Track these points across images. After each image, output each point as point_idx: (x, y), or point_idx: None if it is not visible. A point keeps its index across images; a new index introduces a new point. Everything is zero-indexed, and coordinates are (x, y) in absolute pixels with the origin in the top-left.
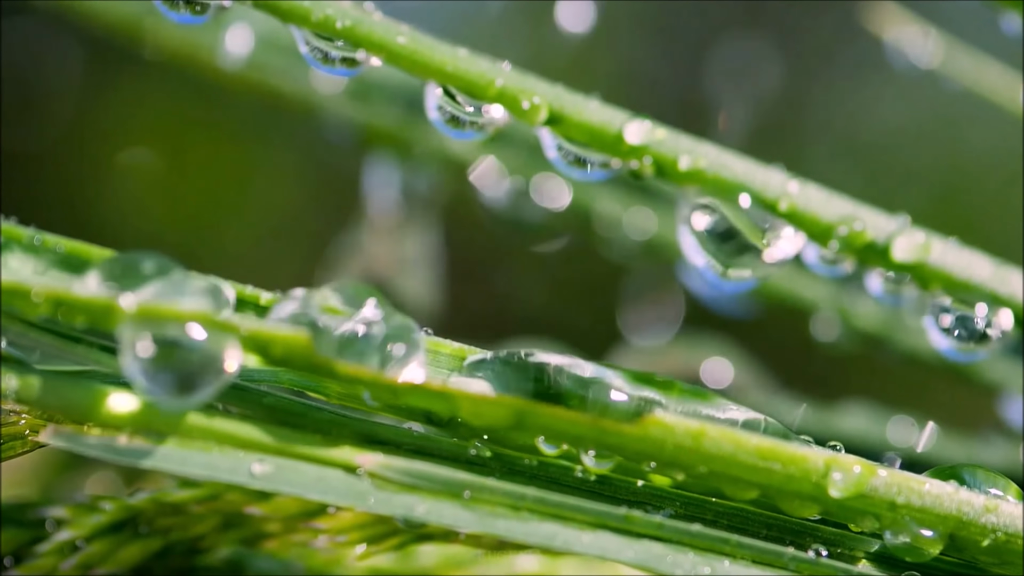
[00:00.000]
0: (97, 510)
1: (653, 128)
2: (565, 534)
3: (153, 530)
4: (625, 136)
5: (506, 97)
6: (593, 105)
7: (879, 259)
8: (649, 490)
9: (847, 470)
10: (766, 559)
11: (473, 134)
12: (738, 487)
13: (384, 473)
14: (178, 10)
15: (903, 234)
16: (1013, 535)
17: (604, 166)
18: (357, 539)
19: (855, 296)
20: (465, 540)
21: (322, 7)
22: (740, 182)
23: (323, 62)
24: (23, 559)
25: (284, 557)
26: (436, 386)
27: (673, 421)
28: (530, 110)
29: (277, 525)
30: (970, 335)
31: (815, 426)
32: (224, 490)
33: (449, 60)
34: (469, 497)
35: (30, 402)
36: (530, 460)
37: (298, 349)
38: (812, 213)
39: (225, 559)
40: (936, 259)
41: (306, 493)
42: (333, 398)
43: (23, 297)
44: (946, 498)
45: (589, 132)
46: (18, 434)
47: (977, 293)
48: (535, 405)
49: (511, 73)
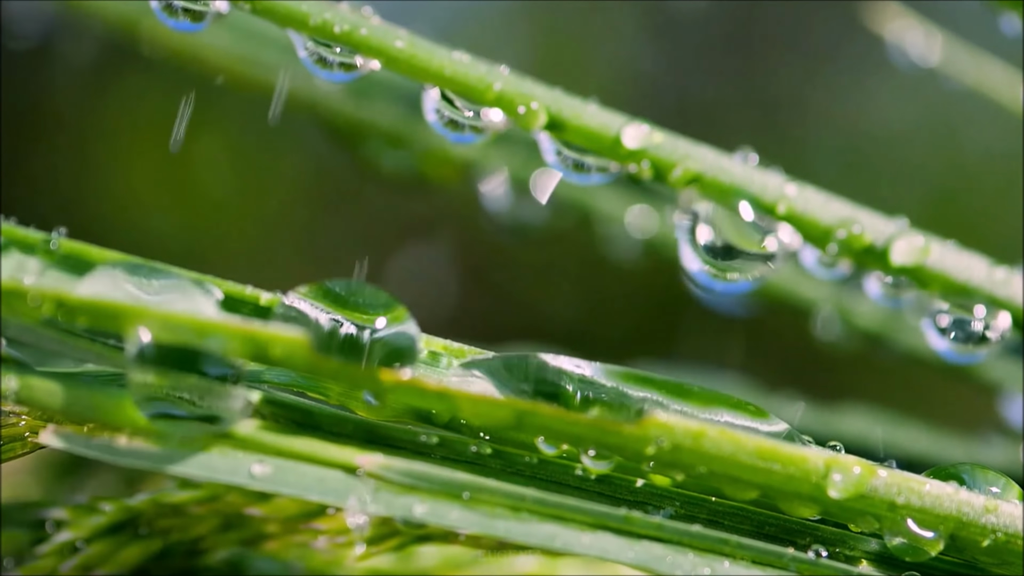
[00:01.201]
0: (97, 511)
1: (651, 132)
2: (565, 535)
3: (153, 531)
4: (623, 140)
5: (504, 101)
6: (591, 109)
7: (878, 262)
8: (649, 490)
9: (847, 470)
10: (766, 560)
11: (472, 137)
12: (738, 487)
13: (384, 474)
14: (176, 17)
15: (902, 237)
16: (1013, 535)
17: (602, 170)
18: (357, 540)
19: (855, 296)
20: (465, 541)
21: (320, 12)
22: (738, 185)
23: (321, 66)
24: (23, 560)
25: (284, 558)
26: (436, 386)
27: (673, 421)
28: (527, 115)
29: (277, 526)
30: (968, 337)
31: (815, 426)
32: (224, 491)
33: (447, 64)
34: (469, 498)
35: (30, 403)
36: (530, 458)
37: (298, 349)
38: (810, 216)
39: (225, 560)
40: (935, 262)
41: (306, 494)
42: (333, 399)
43: (22, 299)
44: (946, 498)
45: (587, 136)
46: (18, 435)
47: (976, 296)
48: (535, 405)
49: (509, 77)
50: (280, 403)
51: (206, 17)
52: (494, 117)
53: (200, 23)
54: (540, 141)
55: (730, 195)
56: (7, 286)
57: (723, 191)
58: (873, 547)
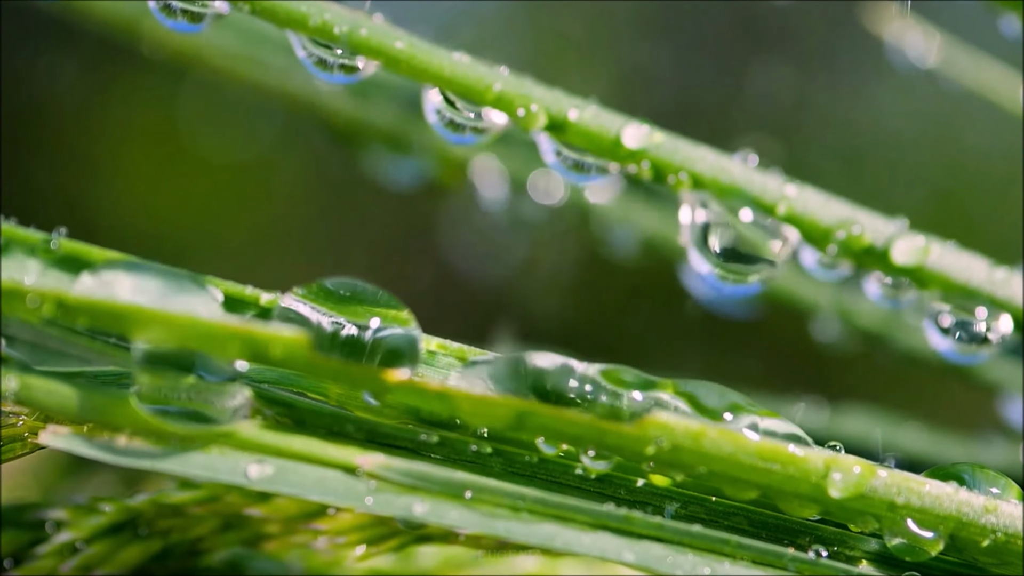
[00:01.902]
0: (97, 512)
1: (651, 132)
2: (565, 535)
3: (153, 532)
4: (623, 141)
5: (504, 102)
6: (591, 109)
7: (878, 263)
8: (649, 490)
9: (847, 470)
10: (766, 560)
11: (473, 138)
12: (738, 487)
13: (384, 474)
14: (175, 18)
15: (902, 237)
16: (1013, 535)
17: (602, 171)
18: (357, 540)
19: (855, 296)
20: (465, 541)
21: (320, 12)
22: (738, 186)
23: (321, 68)
24: (23, 561)
25: (284, 558)
26: (436, 386)
27: (673, 421)
28: (527, 116)
29: (277, 526)
30: (970, 338)
31: (815, 426)
32: (224, 491)
33: (447, 65)
34: (469, 498)
35: (30, 403)
36: (530, 457)
37: (298, 350)
38: (811, 217)
39: (225, 560)
40: (935, 262)
41: (306, 494)
42: (332, 400)
43: (22, 299)
44: (946, 498)
45: (587, 137)
46: (17, 436)
47: (976, 297)
48: (535, 405)
49: (509, 78)
50: (280, 403)
51: (205, 18)
52: (495, 118)
53: (199, 24)
54: (540, 142)
55: (730, 195)
56: (7, 286)
57: (723, 191)
58: (873, 547)
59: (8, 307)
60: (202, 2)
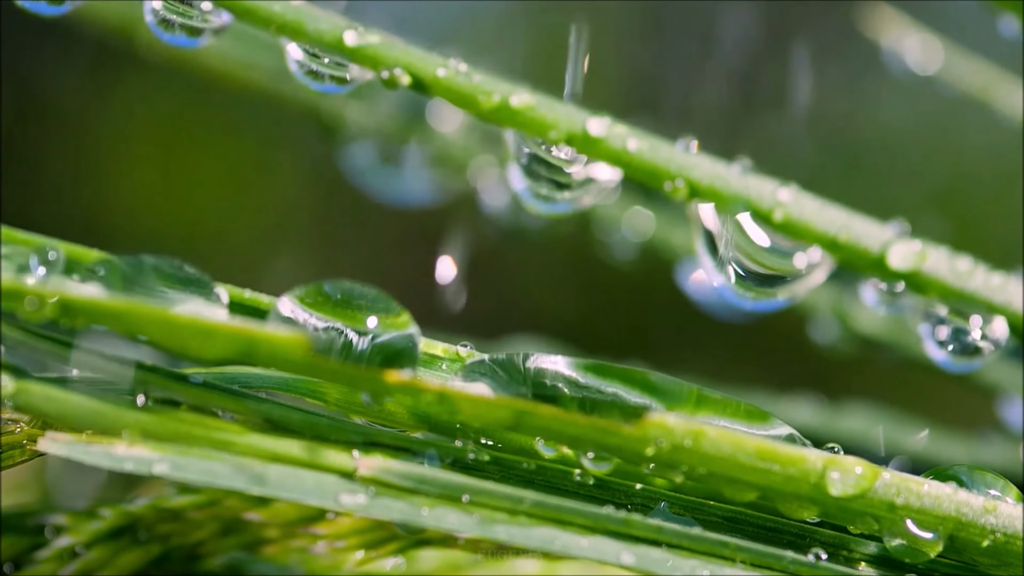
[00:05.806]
0: (96, 517)
1: (647, 138)
2: (564, 538)
3: (152, 536)
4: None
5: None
6: (597, 120)
7: (874, 268)
8: (648, 492)
9: (846, 471)
10: (766, 562)
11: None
12: (737, 488)
13: (383, 478)
14: (173, 33)
15: (898, 243)
16: (1012, 536)
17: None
18: (356, 544)
19: (852, 300)
20: (464, 544)
21: (314, 21)
22: (734, 192)
23: (312, 79)
24: (23, 566)
25: (283, 562)
26: (435, 387)
27: (672, 422)
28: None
29: (276, 531)
30: (965, 348)
31: (815, 426)
32: (223, 496)
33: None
34: (468, 501)
35: (28, 410)
36: (528, 464)
37: (297, 350)
38: (806, 223)
39: (224, 565)
40: (931, 268)
41: (305, 498)
42: (331, 404)
43: (22, 299)
44: (945, 499)
45: (587, 144)
46: (16, 443)
47: (973, 301)
48: (534, 406)
49: (505, 84)
50: (279, 407)
51: (203, 34)
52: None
53: (197, 38)
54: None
55: (726, 201)
56: (7, 286)
57: (719, 198)
58: (872, 550)
59: (8, 308)
60: (203, 16)
